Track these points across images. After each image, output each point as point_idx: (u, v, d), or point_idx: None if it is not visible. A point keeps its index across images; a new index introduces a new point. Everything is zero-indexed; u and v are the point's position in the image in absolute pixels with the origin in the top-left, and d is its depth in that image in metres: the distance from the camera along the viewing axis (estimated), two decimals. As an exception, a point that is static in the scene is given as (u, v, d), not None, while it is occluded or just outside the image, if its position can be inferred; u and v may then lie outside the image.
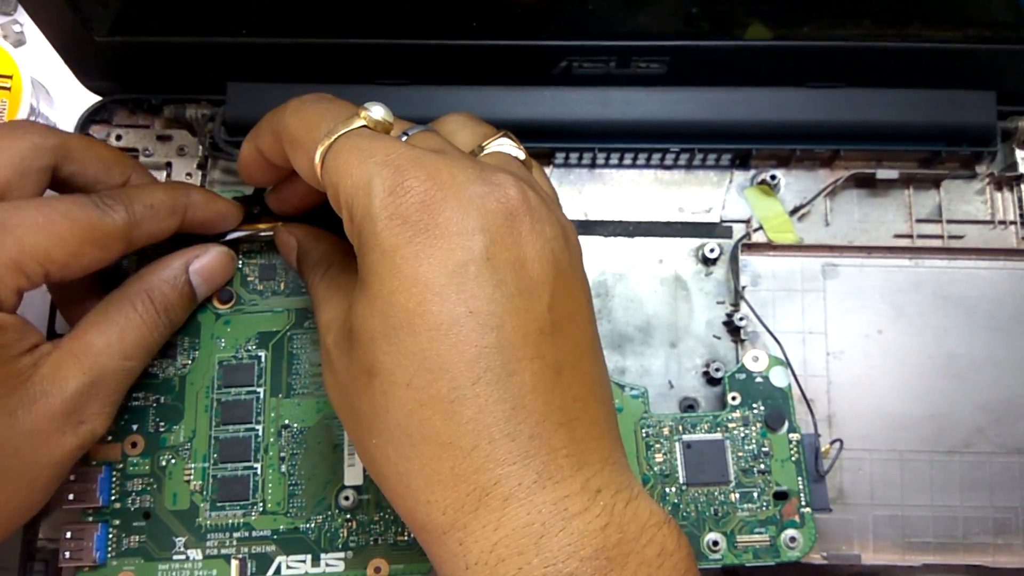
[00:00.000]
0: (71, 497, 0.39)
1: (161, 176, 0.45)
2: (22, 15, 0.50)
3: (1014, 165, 0.44)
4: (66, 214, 0.33)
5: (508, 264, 0.29)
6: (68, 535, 0.38)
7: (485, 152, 0.34)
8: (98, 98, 0.46)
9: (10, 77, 0.45)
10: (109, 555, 0.39)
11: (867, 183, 0.45)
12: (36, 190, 0.35)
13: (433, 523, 0.28)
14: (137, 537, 0.39)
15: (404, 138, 0.32)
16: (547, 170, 0.45)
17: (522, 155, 0.34)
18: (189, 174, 0.45)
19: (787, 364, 0.40)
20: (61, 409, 0.34)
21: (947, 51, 0.41)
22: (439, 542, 0.28)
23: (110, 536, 0.39)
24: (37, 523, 0.41)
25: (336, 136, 0.31)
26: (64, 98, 0.49)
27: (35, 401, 0.34)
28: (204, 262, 0.39)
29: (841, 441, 0.40)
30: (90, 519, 0.39)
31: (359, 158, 0.30)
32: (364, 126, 0.31)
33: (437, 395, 0.28)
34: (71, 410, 0.34)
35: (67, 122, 0.48)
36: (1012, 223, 0.44)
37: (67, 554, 0.38)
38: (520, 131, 0.43)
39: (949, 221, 0.44)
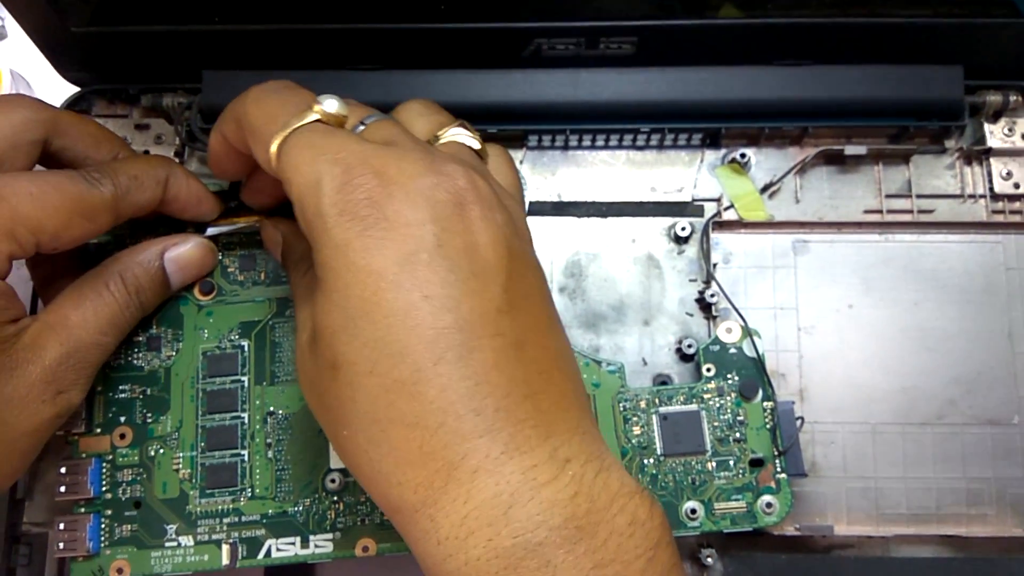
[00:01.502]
0: (63, 489, 0.39)
1: (140, 166, 0.44)
2: (2, 9, 0.49)
3: (983, 139, 0.43)
4: (58, 186, 0.33)
5: (460, 250, 0.29)
6: (61, 526, 0.39)
7: (440, 141, 0.34)
8: (77, 89, 0.45)
9: (-11, 70, 0.44)
10: (102, 545, 0.39)
11: (836, 160, 0.44)
12: (26, 163, 0.36)
13: (405, 503, 0.28)
14: (129, 526, 0.39)
15: (360, 128, 0.32)
16: (520, 153, 0.45)
17: (476, 144, 0.34)
18: (167, 163, 0.44)
19: (757, 335, 0.40)
20: (40, 377, 0.34)
21: (913, 26, 0.40)
22: (411, 521, 0.28)
23: (103, 526, 0.39)
24: (21, 507, 0.41)
25: (290, 130, 0.31)
26: (44, 90, 0.48)
27: (16, 368, 0.34)
28: (180, 251, 0.39)
29: (802, 418, 0.40)
30: (82, 510, 0.39)
31: (310, 155, 0.30)
32: (318, 120, 0.31)
33: (400, 378, 0.28)
34: (49, 379, 0.35)
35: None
36: (981, 197, 0.44)
37: (61, 545, 0.38)
38: (491, 114, 0.43)
39: (919, 196, 0.44)
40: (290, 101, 0.32)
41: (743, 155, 0.44)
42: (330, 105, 0.31)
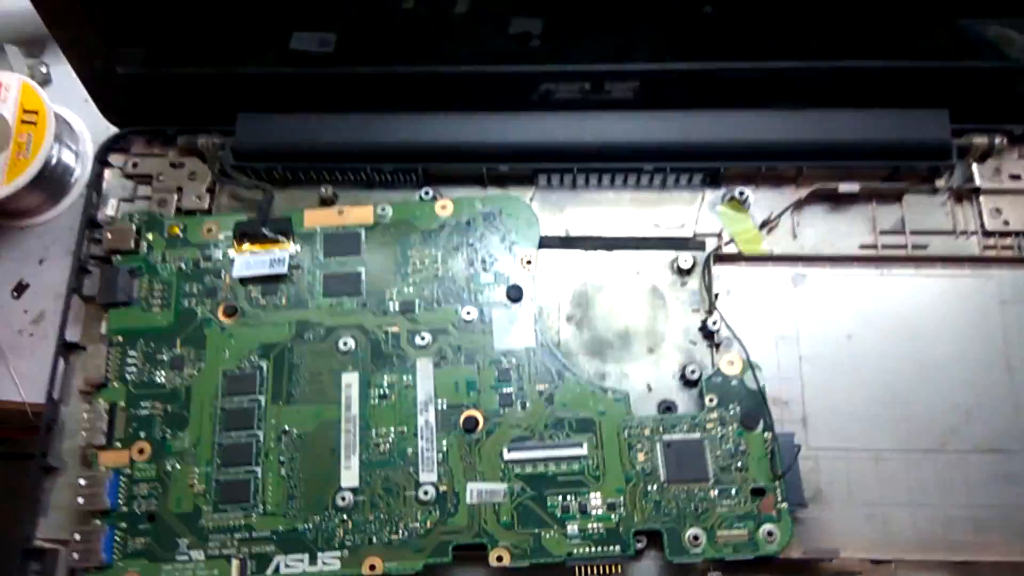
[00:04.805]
0: (80, 500, 0.38)
1: (172, 199, 0.45)
2: (47, 57, 0.50)
3: (971, 179, 0.43)
4: None
5: None
6: (77, 537, 0.38)
7: None
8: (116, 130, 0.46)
9: (36, 113, 0.45)
10: (115, 556, 0.38)
11: (831, 198, 0.44)
12: None
13: None
14: (142, 539, 0.38)
15: None
16: (530, 191, 0.45)
17: None
18: (199, 196, 0.45)
19: (758, 367, 0.39)
20: None
21: (902, 70, 0.41)
22: None
23: (117, 538, 0.38)
24: (35, 523, 0.40)
25: None
26: (83, 131, 0.49)
27: None
28: None
29: (800, 445, 0.39)
30: (98, 522, 0.38)
31: None
32: None
33: None
34: None
35: (87, 152, 0.48)
36: (973, 233, 0.43)
37: (75, 555, 0.37)
38: (503, 154, 0.43)
39: (912, 232, 0.43)
40: None
41: (742, 193, 0.44)
42: None
